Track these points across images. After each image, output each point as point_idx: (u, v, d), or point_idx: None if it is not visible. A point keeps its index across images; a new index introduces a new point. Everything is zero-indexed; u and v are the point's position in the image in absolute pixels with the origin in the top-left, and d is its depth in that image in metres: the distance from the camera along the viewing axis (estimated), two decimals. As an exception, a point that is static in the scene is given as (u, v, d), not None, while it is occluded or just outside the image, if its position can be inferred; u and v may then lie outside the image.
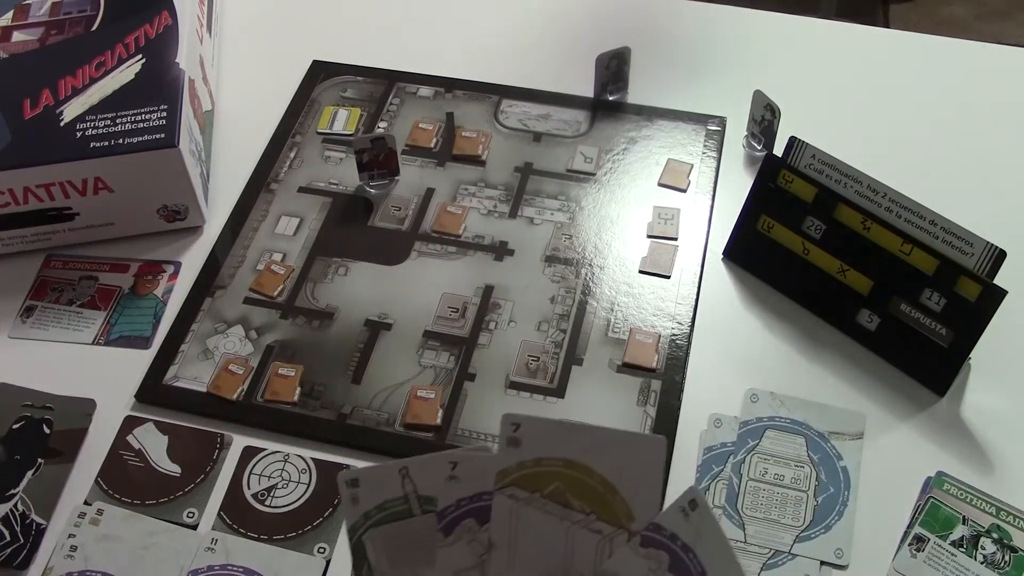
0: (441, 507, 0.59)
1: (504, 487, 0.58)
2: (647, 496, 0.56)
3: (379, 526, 0.59)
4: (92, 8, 0.92)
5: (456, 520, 0.59)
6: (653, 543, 0.56)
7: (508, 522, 0.58)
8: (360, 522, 0.59)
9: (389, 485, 0.59)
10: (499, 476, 0.58)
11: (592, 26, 1.06)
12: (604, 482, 0.57)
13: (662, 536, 0.56)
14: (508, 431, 0.57)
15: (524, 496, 0.58)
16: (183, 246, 0.88)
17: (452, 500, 0.59)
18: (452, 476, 0.58)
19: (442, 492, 0.59)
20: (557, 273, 0.85)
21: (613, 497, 0.57)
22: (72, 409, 0.77)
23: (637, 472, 0.56)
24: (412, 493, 0.58)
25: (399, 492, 0.58)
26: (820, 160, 0.78)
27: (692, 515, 0.55)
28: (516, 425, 0.57)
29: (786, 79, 0.98)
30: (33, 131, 0.83)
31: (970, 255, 0.73)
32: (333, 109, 0.98)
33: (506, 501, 0.58)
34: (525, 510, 0.58)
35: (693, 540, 0.55)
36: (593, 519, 0.57)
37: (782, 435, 0.75)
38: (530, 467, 0.57)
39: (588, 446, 0.57)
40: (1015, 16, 2.14)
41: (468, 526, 0.59)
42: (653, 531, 0.56)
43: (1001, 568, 0.68)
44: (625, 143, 0.95)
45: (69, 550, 0.70)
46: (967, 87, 0.99)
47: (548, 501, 0.58)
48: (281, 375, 0.79)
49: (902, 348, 0.78)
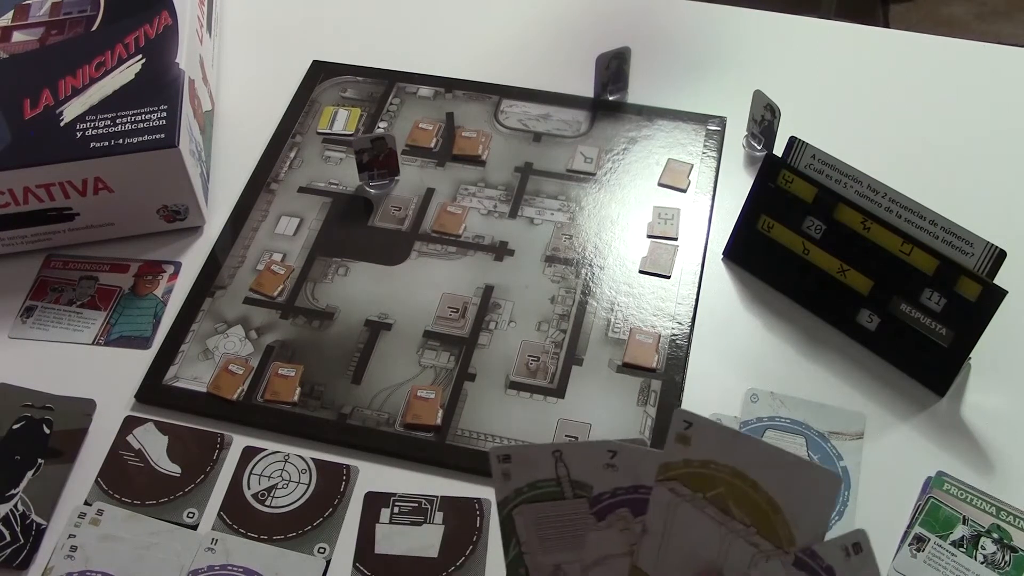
0: (596, 492, 0.59)
1: (667, 480, 0.58)
2: (813, 527, 0.56)
3: (529, 503, 0.59)
4: (92, 8, 0.92)
5: (610, 507, 0.59)
6: (806, 568, 0.56)
7: (665, 513, 0.58)
8: (511, 497, 0.60)
9: (541, 465, 0.59)
10: (662, 469, 0.58)
11: (592, 26, 1.06)
12: (770, 500, 0.56)
13: (817, 564, 0.55)
14: (679, 427, 0.56)
15: (686, 493, 0.58)
16: (183, 246, 0.88)
17: (608, 488, 0.59)
18: (610, 464, 0.58)
19: (598, 479, 0.59)
20: (557, 273, 0.85)
21: (776, 517, 0.56)
22: (72, 409, 0.77)
23: (808, 502, 0.56)
24: (565, 477, 0.59)
25: (551, 474, 0.59)
26: (820, 160, 0.78)
27: (854, 558, 0.54)
28: (688, 423, 0.56)
29: (786, 79, 0.98)
30: (33, 131, 0.83)
31: (970, 255, 0.73)
32: (333, 109, 0.98)
33: (667, 493, 0.58)
34: (685, 507, 0.58)
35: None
36: (752, 532, 0.57)
37: (782, 435, 0.75)
38: (696, 467, 0.57)
39: (761, 462, 0.56)
40: (1015, 16, 2.14)
41: (622, 515, 0.59)
42: (809, 557, 0.56)
43: (1001, 568, 0.68)
44: (625, 143, 0.95)
45: (69, 550, 0.70)
46: (967, 87, 0.99)
47: (709, 504, 0.57)
48: (281, 375, 0.79)
49: (902, 348, 0.78)
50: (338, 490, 0.73)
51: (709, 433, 0.57)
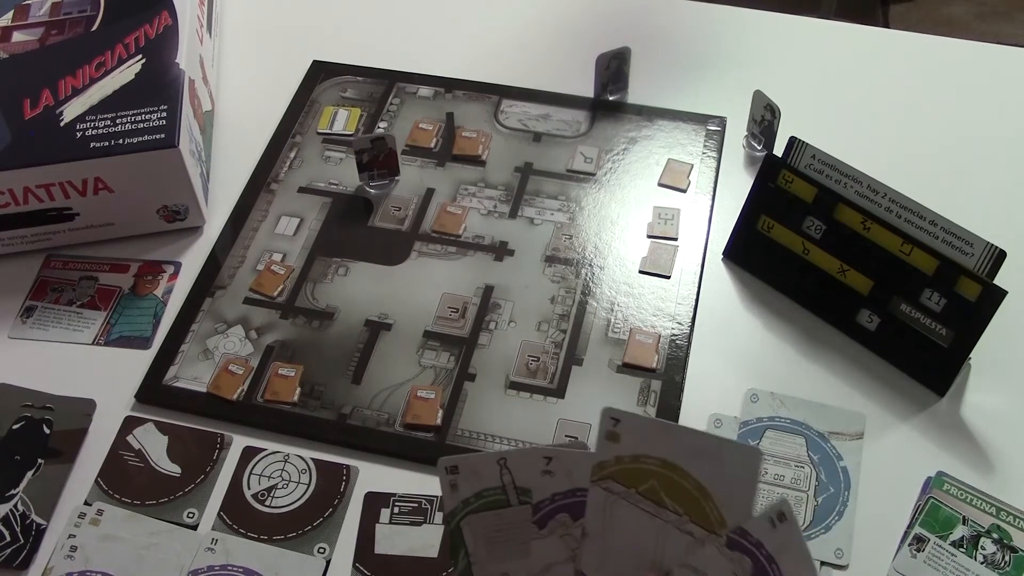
0: (536, 500, 0.59)
1: (600, 480, 0.58)
2: (740, 505, 0.56)
3: (477, 513, 0.60)
4: (92, 8, 0.92)
5: (550, 514, 0.59)
6: (739, 547, 0.56)
7: (602, 514, 0.59)
8: (459, 508, 0.60)
9: (487, 474, 0.59)
10: (596, 469, 0.58)
11: (592, 26, 1.06)
12: (699, 486, 0.57)
13: (748, 541, 0.56)
14: (608, 425, 0.57)
15: (620, 490, 0.58)
16: (183, 246, 0.88)
17: (547, 494, 0.59)
18: (547, 471, 0.58)
19: (537, 485, 0.59)
20: (557, 273, 0.85)
21: (706, 502, 0.57)
22: (72, 409, 0.77)
23: (732, 480, 0.56)
24: (510, 484, 0.59)
25: (497, 482, 0.59)
26: (820, 160, 0.78)
27: (780, 527, 0.55)
28: (616, 420, 0.57)
29: (786, 79, 0.98)
30: (33, 131, 0.83)
31: (970, 255, 0.73)
32: (333, 109, 0.98)
33: (601, 494, 0.58)
34: (619, 504, 0.58)
35: (777, 551, 0.55)
36: (686, 521, 0.57)
37: (782, 435, 0.75)
38: (627, 463, 0.57)
39: (686, 449, 0.57)
40: (1015, 16, 2.14)
41: (562, 520, 0.59)
42: (740, 535, 0.56)
43: (1001, 568, 0.68)
44: (625, 143, 0.95)
45: (69, 550, 0.70)
46: (967, 87, 0.99)
47: (643, 498, 0.58)
48: (281, 375, 0.79)
49: (902, 348, 0.78)
50: (338, 490, 0.74)
51: (637, 427, 0.57)
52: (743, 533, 0.56)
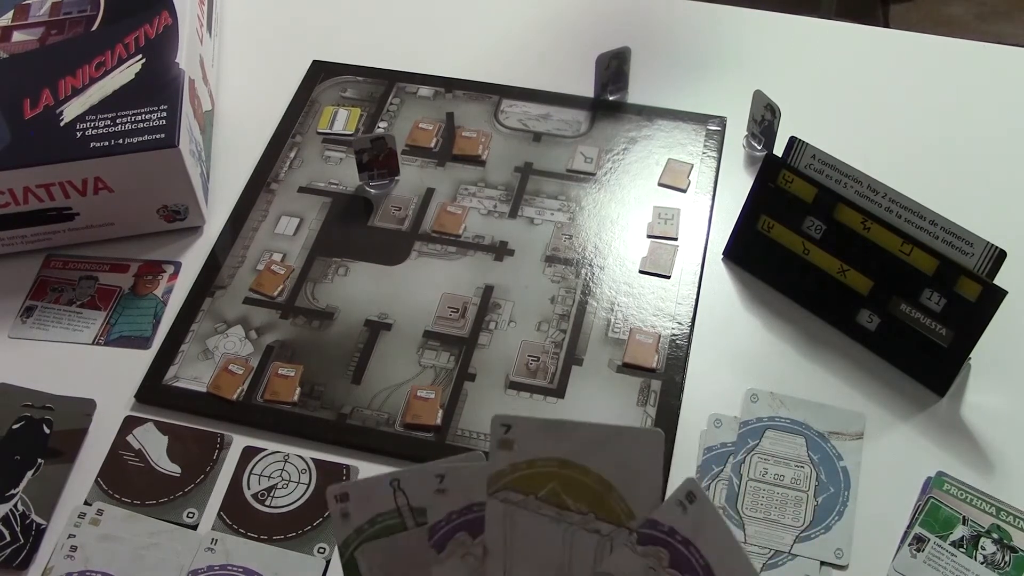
0: (432, 522, 0.57)
1: (497, 491, 0.56)
2: (647, 492, 0.55)
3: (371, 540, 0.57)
4: (92, 8, 0.92)
5: (448, 534, 0.57)
6: (651, 540, 0.55)
7: (502, 527, 0.56)
8: (352, 537, 0.57)
9: (379, 498, 0.57)
10: (492, 480, 0.56)
11: (592, 26, 1.06)
12: (601, 480, 0.55)
13: (660, 532, 0.54)
14: (499, 433, 0.55)
15: (518, 499, 0.56)
16: (183, 246, 0.88)
17: (442, 514, 0.57)
18: (440, 489, 0.56)
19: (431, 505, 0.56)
20: (557, 273, 0.85)
21: (610, 495, 0.55)
22: (72, 409, 0.77)
23: (635, 468, 0.55)
24: (405, 506, 0.57)
25: (391, 505, 0.57)
26: (820, 160, 0.78)
27: (690, 508, 0.53)
28: (507, 427, 0.55)
29: (786, 79, 0.98)
30: (33, 131, 0.83)
31: (970, 255, 0.73)
32: (333, 109, 0.98)
33: (499, 506, 0.56)
34: (520, 514, 0.56)
35: (693, 533, 0.54)
36: (591, 519, 0.56)
37: (782, 435, 0.75)
38: (524, 469, 0.56)
39: (583, 444, 0.55)
40: (1015, 16, 2.14)
41: (461, 540, 0.57)
42: (650, 527, 0.55)
43: (1001, 568, 0.68)
44: (625, 143, 0.95)
45: (69, 550, 0.70)
46: (967, 87, 0.99)
47: (543, 503, 0.56)
48: (281, 375, 0.79)
49: (902, 348, 0.78)
50: (338, 490, 0.73)
51: (528, 429, 0.55)
52: (653, 524, 0.54)
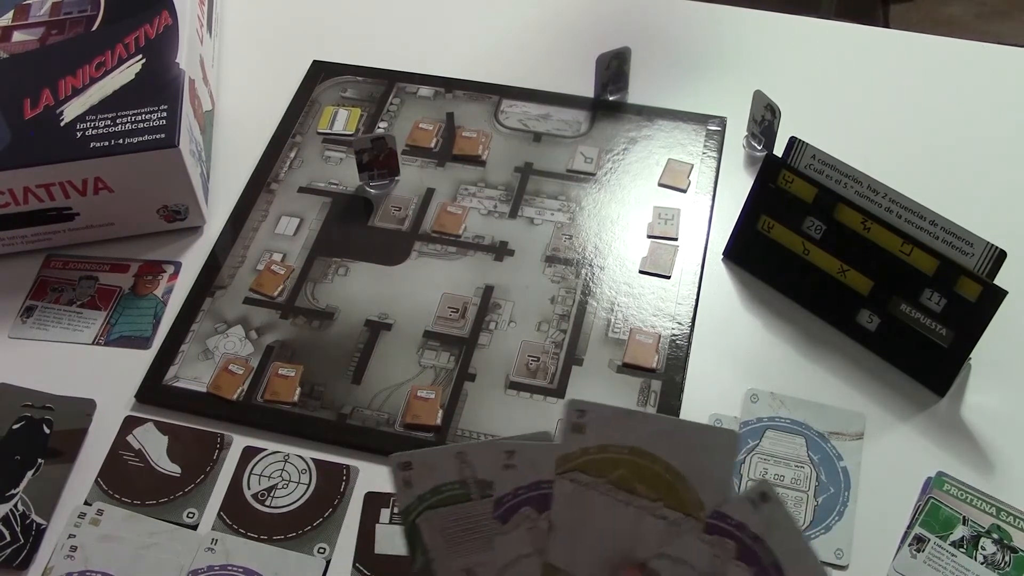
0: (498, 495, 0.58)
1: (566, 472, 0.57)
2: (717, 487, 0.56)
3: (434, 508, 0.59)
4: (92, 8, 0.92)
5: (513, 508, 0.58)
6: (718, 531, 0.56)
7: (569, 506, 0.58)
8: (415, 504, 0.59)
9: (444, 468, 0.58)
10: (561, 461, 0.57)
11: (592, 26, 1.06)
12: (672, 470, 0.56)
13: (728, 524, 0.56)
14: (573, 417, 0.57)
15: (588, 481, 0.57)
16: (183, 246, 0.88)
17: (509, 488, 0.58)
18: (509, 464, 0.58)
19: (498, 479, 0.58)
20: (557, 273, 0.85)
21: (681, 485, 0.56)
22: (72, 409, 0.77)
23: (708, 462, 0.56)
24: (471, 478, 0.58)
25: (455, 476, 0.58)
26: (820, 160, 0.78)
27: (762, 507, 0.54)
28: (581, 411, 0.57)
29: (786, 79, 0.98)
30: (33, 131, 0.83)
31: (970, 255, 0.73)
32: (333, 109, 0.98)
33: (568, 485, 0.58)
34: (588, 494, 0.58)
35: (764, 531, 0.55)
36: (659, 506, 0.57)
37: (782, 435, 0.75)
38: (594, 453, 0.57)
39: (657, 435, 0.56)
40: (1015, 16, 2.14)
41: (526, 514, 0.58)
42: (718, 519, 0.56)
43: (1001, 568, 0.68)
44: (625, 143, 0.95)
45: (69, 550, 0.70)
46: (967, 87, 0.99)
47: (613, 487, 0.57)
48: (281, 375, 0.79)
49: (902, 348, 0.78)
50: (338, 490, 0.74)
51: (603, 417, 0.57)
52: (721, 516, 0.56)
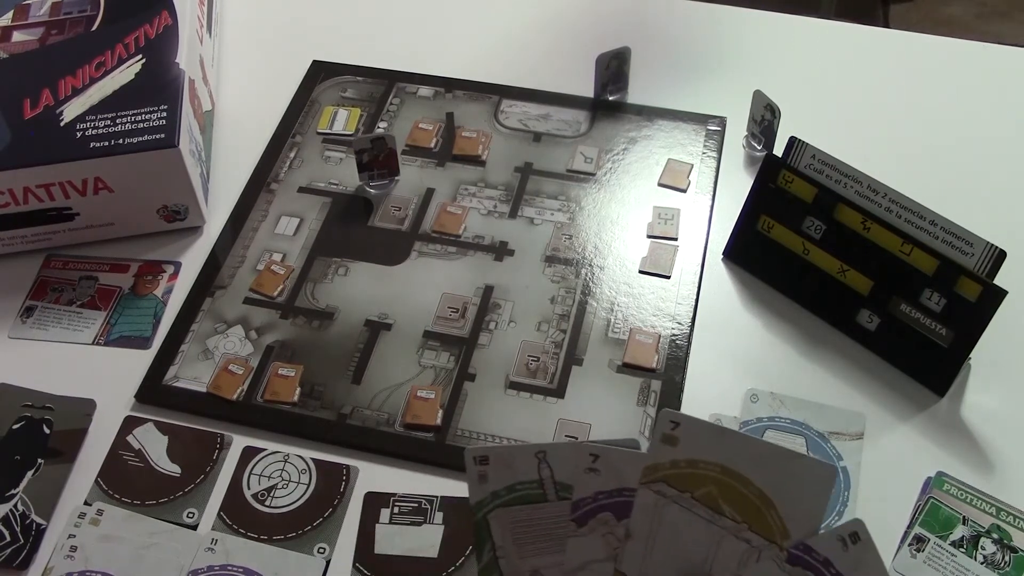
0: (576, 498, 0.58)
1: (652, 482, 0.57)
2: (807, 519, 0.55)
3: (507, 507, 0.59)
4: (92, 8, 0.92)
5: (592, 512, 0.58)
6: (801, 562, 0.55)
7: (651, 515, 0.57)
8: (487, 500, 0.59)
9: (521, 466, 0.58)
10: (647, 471, 0.57)
11: (592, 26, 1.06)
12: (761, 495, 0.56)
13: (812, 558, 0.55)
14: (665, 427, 0.56)
15: (673, 494, 0.57)
16: (183, 246, 0.88)
17: (590, 492, 0.58)
18: (592, 468, 0.57)
19: (579, 482, 0.58)
20: (557, 273, 0.85)
21: (769, 511, 0.56)
22: (72, 409, 0.77)
23: (802, 493, 0.55)
24: (549, 478, 0.58)
25: (533, 475, 0.58)
26: (820, 160, 0.78)
27: (852, 547, 0.54)
28: (675, 423, 0.56)
29: (786, 79, 0.98)
30: (33, 131, 0.83)
31: (970, 255, 0.73)
32: (333, 109, 0.98)
33: (651, 495, 0.57)
34: (671, 507, 0.57)
35: (850, 571, 0.54)
36: (744, 528, 0.56)
37: (782, 435, 0.75)
38: (683, 467, 0.57)
39: (752, 457, 0.56)
40: (1015, 16, 2.14)
41: (604, 519, 0.58)
42: (803, 551, 0.55)
43: (1001, 568, 0.68)
44: (625, 143, 0.95)
45: (69, 550, 0.70)
46: (967, 87, 0.99)
47: (698, 503, 0.57)
48: (281, 375, 0.79)
49: (902, 348, 0.78)
50: (338, 490, 0.74)
51: (697, 432, 0.56)
52: (807, 549, 0.55)
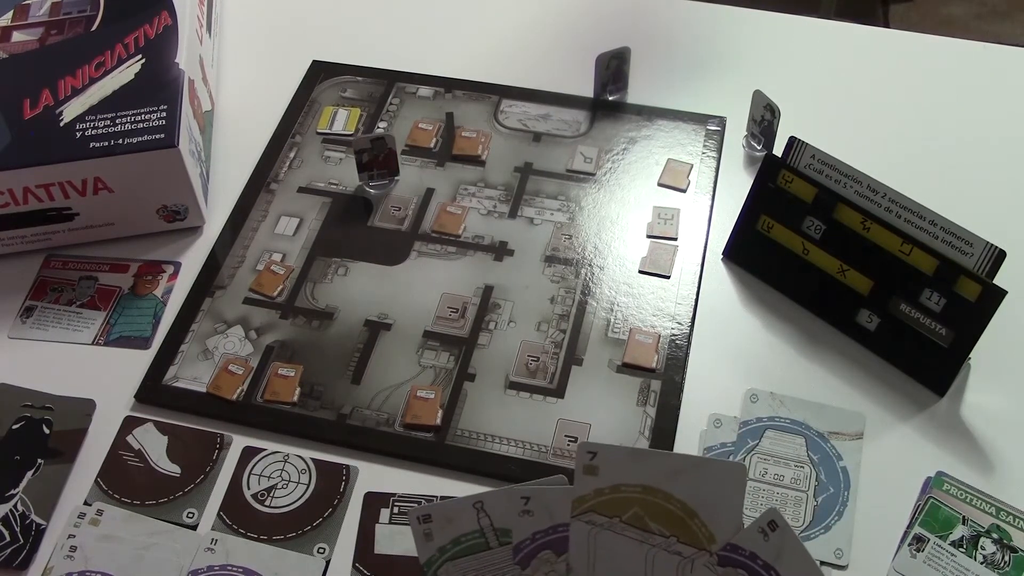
0: (516, 541, 0.60)
1: (581, 513, 0.59)
2: (728, 519, 0.57)
3: (455, 559, 0.60)
4: (92, 8, 0.92)
5: (532, 552, 0.60)
6: (731, 562, 0.57)
7: (586, 547, 0.59)
8: (435, 557, 0.61)
9: (462, 519, 0.60)
10: (576, 503, 0.59)
11: (592, 26, 1.06)
12: (683, 506, 0.58)
13: (740, 555, 0.57)
14: (584, 459, 0.58)
15: (602, 521, 0.59)
16: (183, 246, 0.88)
17: (528, 534, 0.60)
18: (526, 510, 0.59)
19: (516, 526, 0.60)
20: (557, 273, 0.85)
21: (692, 520, 0.58)
22: (72, 409, 0.77)
23: (718, 496, 0.57)
24: (489, 527, 0.60)
25: (474, 526, 0.60)
26: (820, 160, 0.78)
27: (772, 535, 0.56)
28: (592, 454, 0.58)
29: (786, 79, 0.98)
30: (33, 131, 0.83)
31: (970, 255, 0.73)
32: (333, 109, 0.98)
33: (584, 527, 0.59)
34: (604, 535, 0.59)
35: (774, 559, 0.56)
36: (673, 542, 0.58)
37: (782, 435, 0.75)
38: (608, 494, 0.58)
39: (666, 472, 0.58)
40: (1015, 16, 2.14)
41: (545, 557, 0.60)
42: (730, 551, 0.57)
43: (1001, 568, 0.68)
44: (625, 143, 0.95)
45: (69, 550, 0.70)
46: (967, 87, 0.99)
47: (627, 525, 0.59)
48: (281, 375, 0.79)
49: (902, 348, 0.78)
50: (338, 490, 0.74)
51: (614, 458, 0.58)
52: (734, 548, 0.57)
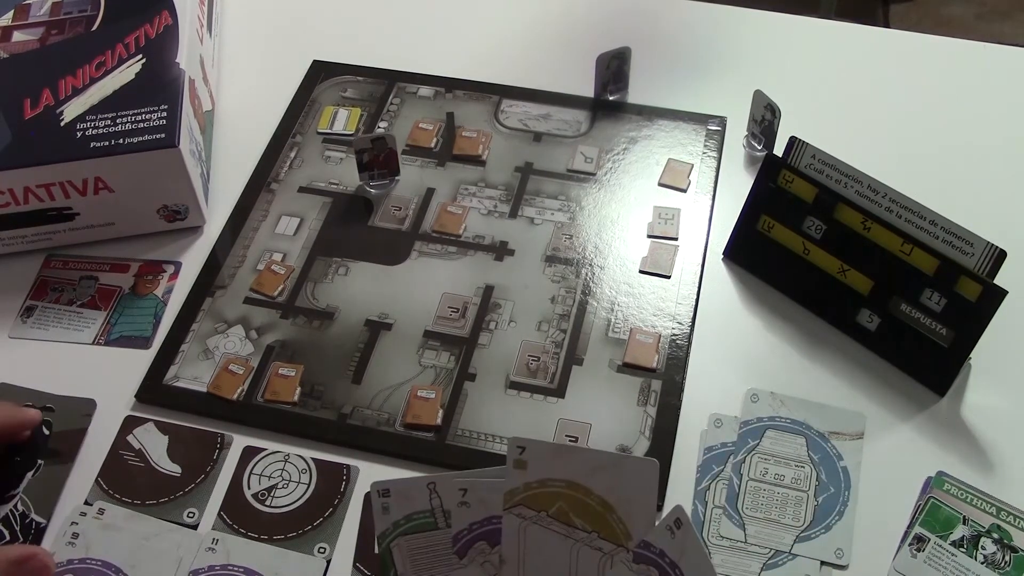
0: (455, 530, 0.61)
1: (512, 507, 0.60)
2: (642, 515, 0.59)
3: (406, 535, 0.62)
4: (92, 8, 0.92)
5: (469, 543, 0.62)
6: (644, 559, 0.59)
7: (517, 539, 0.61)
8: (390, 530, 0.62)
9: (417, 497, 0.61)
10: (507, 496, 0.60)
11: (592, 26, 1.06)
12: (602, 502, 0.59)
13: (652, 553, 0.59)
14: (515, 454, 0.60)
15: (531, 515, 0.61)
16: (183, 246, 0.88)
17: (465, 524, 0.61)
18: (463, 502, 0.61)
19: (456, 515, 0.61)
20: (557, 273, 0.85)
21: (611, 516, 0.60)
22: (72, 409, 0.77)
23: (633, 493, 0.59)
24: (439, 507, 0.61)
25: (426, 505, 0.61)
26: (820, 160, 0.78)
27: (677, 533, 0.58)
28: (522, 448, 0.60)
29: (786, 79, 0.98)
30: (33, 131, 0.83)
31: (970, 255, 0.73)
32: (333, 109, 0.98)
33: (514, 519, 0.61)
34: (532, 528, 0.61)
35: (678, 557, 0.58)
36: (594, 537, 0.60)
37: (782, 435, 0.75)
38: (536, 488, 0.60)
39: (587, 468, 0.59)
40: (1015, 16, 2.15)
41: (480, 548, 0.62)
42: (644, 548, 0.59)
43: (1001, 568, 0.68)
44: (625, 143, 0.95)
45: (71, 537, 0.70)
46: (967, 87, 0.99)
47: (553, 520, 0.60)
48: (281, 375, 0.79)
49: (902, 348, 0.78)
50: (338, 490, 0.74)
51: (541, 453, 0.60)
52: (647, 545, 0.59)
